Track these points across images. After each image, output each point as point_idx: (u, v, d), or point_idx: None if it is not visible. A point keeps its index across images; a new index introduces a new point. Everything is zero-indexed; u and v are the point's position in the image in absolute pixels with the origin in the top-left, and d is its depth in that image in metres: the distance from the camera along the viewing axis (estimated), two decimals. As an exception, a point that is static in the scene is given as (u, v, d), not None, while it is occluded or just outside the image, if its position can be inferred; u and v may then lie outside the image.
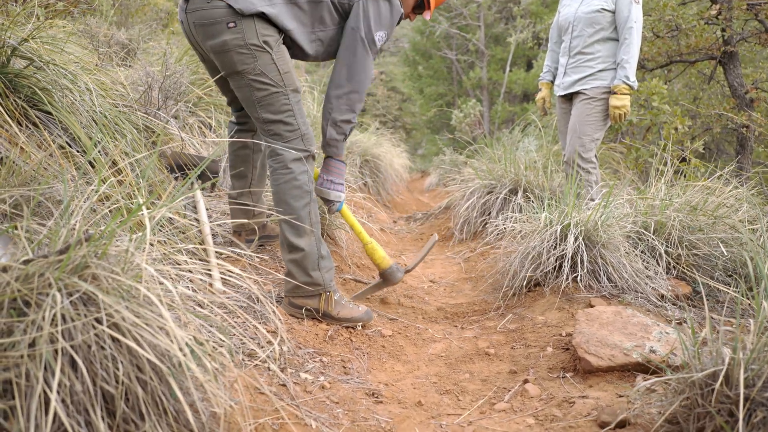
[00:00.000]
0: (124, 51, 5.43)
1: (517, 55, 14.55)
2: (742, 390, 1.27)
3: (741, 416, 1.24)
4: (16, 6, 3.08)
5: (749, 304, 2.49)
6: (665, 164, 3.56)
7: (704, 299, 1.77)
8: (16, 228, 1.37)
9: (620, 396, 1.81)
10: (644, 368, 1.93)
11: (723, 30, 5.51)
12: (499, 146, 5.45)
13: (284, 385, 1.82)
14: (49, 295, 1.18)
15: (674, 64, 6.30)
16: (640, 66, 6.50)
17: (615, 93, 3.57)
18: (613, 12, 3.59)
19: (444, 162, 8.78)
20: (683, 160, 4.94)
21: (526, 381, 2.07)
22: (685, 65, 6.43)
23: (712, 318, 2.43)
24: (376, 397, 1.96)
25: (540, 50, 14.00)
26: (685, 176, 4.03)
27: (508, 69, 14.09)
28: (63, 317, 1.17)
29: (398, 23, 2.46)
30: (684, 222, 2.97)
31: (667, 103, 5.38)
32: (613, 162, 5.95)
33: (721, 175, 3.35)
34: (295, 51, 2.35)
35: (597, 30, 3.64)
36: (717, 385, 1.32)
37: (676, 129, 4.82)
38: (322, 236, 2.54)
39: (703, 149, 7.95)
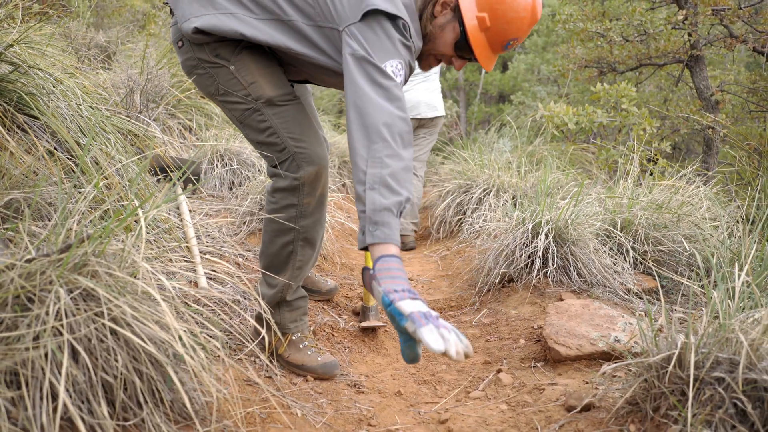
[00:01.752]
0: (104, 54, 5.45)
1: (492, 56, 14.75)
2: (692, 371, 1.40)
3: (691, 395, 1.37)
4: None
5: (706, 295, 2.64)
6: (633, 164, 3.72)
7: (660, 291, 1.90)
8: (16, 229, 1.44)
9: (587, 382, 1.94)
10: (609, 356, 2.06)
11: (689, 34, 5.71)
12: (475, 147, 5.59)
13: (270, 377, 1.91)
14: (51, 291, 1.25)
15: (644, 67, 6.51)
16: (612, 69, 6.72)
17: None
18: None
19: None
20: (649, 160, 5.12)
21: (499, 371, 2.18)
22: (654, 68, 6.64)
23: (675, 308, 2.58)
24: (358, 388, 2.07)
25: (515, 52, 14.24)
26: (653, 176, 4.20)
27: (483, 70, 14.29)
28: (65, 312, 1.25)
29: (417, 55, 1.86)
30: (650, 219, 3.12)
31: (637, 106, 5.57)
32: (585, 162, 6.14)
33: (684, 174, 3.52)
34: (284, 54, 1.90)
35: None
36: (670, 367, 1.45)
37: (644, 130, 5.00)
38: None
39: (674, 149, 8.20)
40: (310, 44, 1.80)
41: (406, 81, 1.74)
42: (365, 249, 1.49)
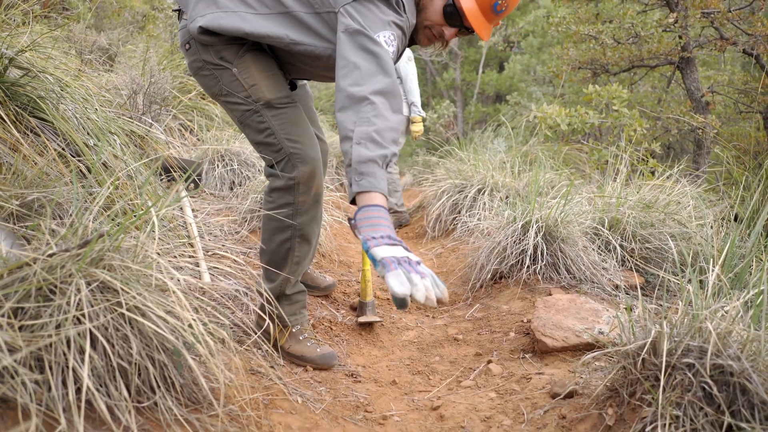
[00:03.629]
0: (106, 56, 5.54)
1: (489, 56, 14.90)
2: (664, 358, 1.51)
3: (663, 380, 1.48)
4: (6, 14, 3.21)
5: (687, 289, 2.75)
6: (623, 164, 3.83)
7: (638, 286, 2.01)
8: (37, 226, 1.55)
9: (571, 371, 2.05)
10: (593, 347, 2.18)
11: (680, 37, 5.83)
12: (470, 147, 5.70)
13: (272, 367, 2.02)
14: (71, 283, 1.36)
15: (636, 68, 6.62)
16: (605, 70, 6.84)
17: (413, 122, 5.22)
18: None
19: (417, 163, 9.01)
20: (641, 160, 5.23)
21: (489, 362, 2.29)
22: (647, 69, 6.76)
23: (659, 303, 2.69)
24: (355, 378, 2.18)
25: (511, 52, 14.35)
26: (643, 175, 4.31)
27: (480, 70, 14.41)
28: (85, 302, 1.36)
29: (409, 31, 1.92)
30: (637, 218, 3.23)
31: (629, 106, 5.68)
32: (579, 162, 6.25)
33: (670, 175, 3.63)
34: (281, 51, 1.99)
35: None
36: (644, 354, 1.56)
37: (635, 131, 5.11)
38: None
39: (667, 148, 8.30)
40: (310, 32, 1.89)
41: (399, 56, 1.82)
42: (354, 202, 1.54)
